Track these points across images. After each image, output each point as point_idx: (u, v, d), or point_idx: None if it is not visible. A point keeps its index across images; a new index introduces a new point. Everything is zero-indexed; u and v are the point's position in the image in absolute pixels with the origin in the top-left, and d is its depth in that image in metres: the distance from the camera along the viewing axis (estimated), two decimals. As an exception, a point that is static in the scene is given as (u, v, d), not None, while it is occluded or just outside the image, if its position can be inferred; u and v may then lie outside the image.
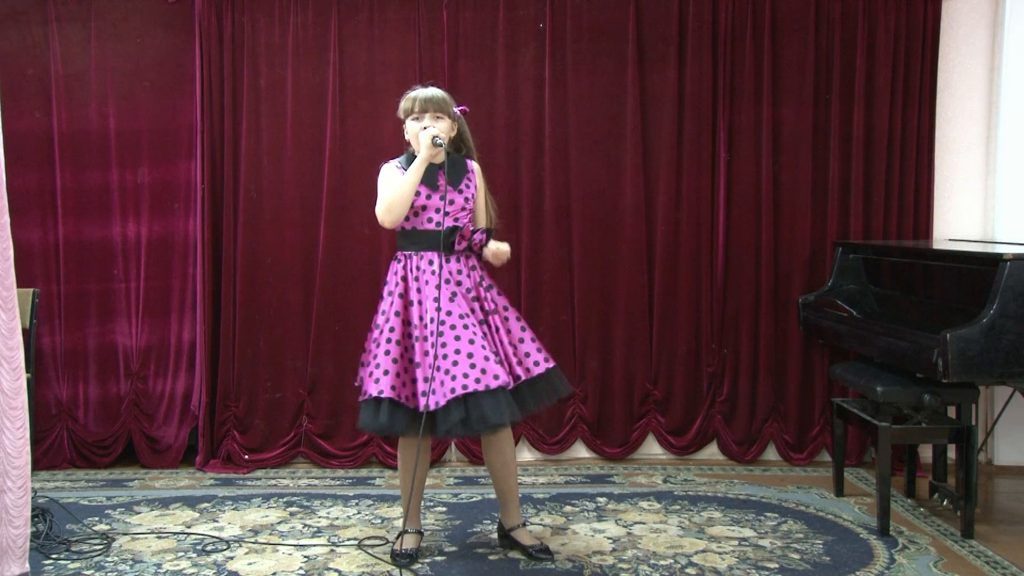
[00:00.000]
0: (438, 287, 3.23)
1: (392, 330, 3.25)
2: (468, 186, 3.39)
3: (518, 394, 3.26)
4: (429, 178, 3.29)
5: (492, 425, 3.16)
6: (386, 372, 3.21)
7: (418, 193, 3.28)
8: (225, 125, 4.55)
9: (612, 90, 4.62)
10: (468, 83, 4.58)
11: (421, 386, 3.18)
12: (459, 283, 3.29)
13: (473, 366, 3.14)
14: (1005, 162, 4.61)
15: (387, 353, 3.23)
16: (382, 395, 3.17)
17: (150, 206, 4.59)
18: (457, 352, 3.17)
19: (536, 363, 3.34)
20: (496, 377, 3.14)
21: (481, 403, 3.12)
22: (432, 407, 3.15)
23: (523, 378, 3.29)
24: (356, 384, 3.45)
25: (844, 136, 4.63)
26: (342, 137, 4.57)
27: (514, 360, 3.29)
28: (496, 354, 3.23)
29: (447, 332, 3.19)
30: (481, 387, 3.12)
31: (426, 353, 3.20)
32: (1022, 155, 4.60)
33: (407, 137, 3.38)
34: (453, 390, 3.12)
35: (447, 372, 3.15)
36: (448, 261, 3.29)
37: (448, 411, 3.14)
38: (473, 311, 3.27)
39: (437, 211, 3.30)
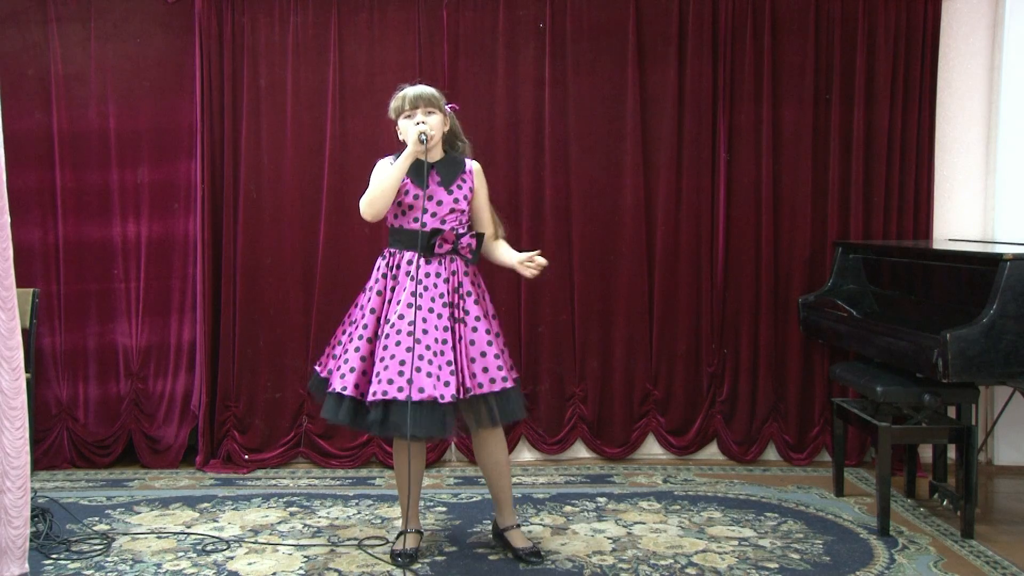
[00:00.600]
0: (414, 293, 3.22)
1: (366, 327, 3.26)
2: (461, 187, 3.35)
3: (467, 407, 3.22)
4: (419, 177, 3.27)
5: (405, 434, 3.15)
6: (352, 369, 3.23)
7: (406, 192, 3.27)
8: (225, 125, 4.55)
9: (612, 90, 4.62)
10: (468, 83, 4.58)
11: (372, 386, 3.20)
12: (434, 285, 3.25)
13: (401, 374, 3.14)
14: (1005, 162, 4.61)
15: (357, 350, 3.25)
16: (345, 392, 3.21)
17: (150, 206, 4.59)
18: (392, 357, 3.17)
19: (492, 380, 3.26)
20: (421, 391, 3.13)
21: (401, 411, 3.12)
22: (367, 402, 3.18)
23: (473, 392, 3.21)
24: (316, 366, 3.46)
25: (844, 136, 4.63)
26: (342, 137, 4.57)
27: (468, 373, 3.22)
28: (442, 367, 3.17)
29: (391, 335, 3.19)
30: (402, 396, 3.12)
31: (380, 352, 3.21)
32: (1022, 155, 4.60)
33: (401, 137, 3.35)
34: (375, 393, 3.15)
35: (377, 375, 3.17)
36: (428, 262, 3.27)
37: (369, 410, 3.17)
38: (440, 316, 3.22)
39: (424, 211, 3.28)
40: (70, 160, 4.56)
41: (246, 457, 4.60)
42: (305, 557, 3.46)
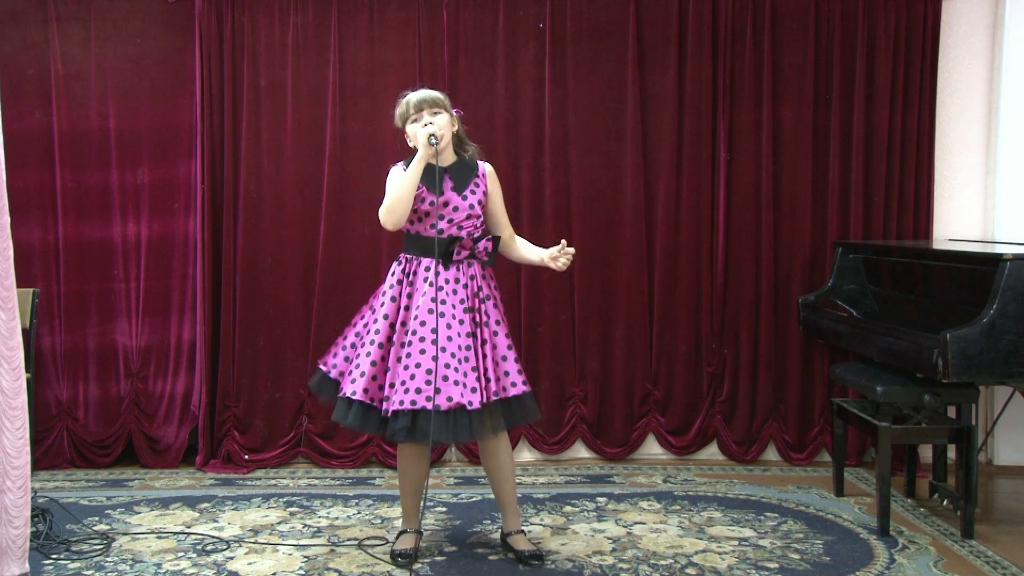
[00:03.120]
0: (434, 299, 3.21)
1: (378, 332, 3.26)
2: (475, 191, 3.34)
3: (487, 411, 3.22)
4: (433, 183, 3.25)
5: (435, 441, 3.17)
6: (363, 374, 3.23)
7: (422, 199, 3.26)
8: (225, 125, 4.55)
9: (612, 90, 4.63)
10: (468, 83, 4.59)
11: (387, 391, 3.19)
12: (453, 291, 3.25)
13: (429, 383, 3.13)
14: (1005, 162, 4.61)
15: (368, 355, 3.24)
16: (355, 396, 3.21)
17: (150, 206, 4.59)
18: (418, 366, 3.16)
19: (513, 384, 3.30)
20: (449, 399, 3.13)
21: (428, 418, 3.11)
22: (385, 413, 3.18)
23: (498, 396, 3.24)
24: (321, 365, 3.45)
25: (844, 136, 4.63)
26: (342, 137, 4.57)
27: (492, 376, 3.25)
28: (467, 373, 3.17)
29: (415, 342, 3.18)
30: (429, 405, 3.11)
31: (398, 359, 3.20)
32: (1022, 155, 4.60)
33: (411, 143, 3.34)
34: (401, 402, 3.14)
35: (403, 383, 3.16)
36: (446, 269, 3.27)
37: (396, 418, 3.16)
38: (463, 322, 3.23)
39: (441, 217, 3.27)
40: (70, 160, 4.56)
41: (246, 457, 4.60)
42: (305, 557, 3.46)
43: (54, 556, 3.43)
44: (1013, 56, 4.57)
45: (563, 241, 3.33)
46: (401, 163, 3.37)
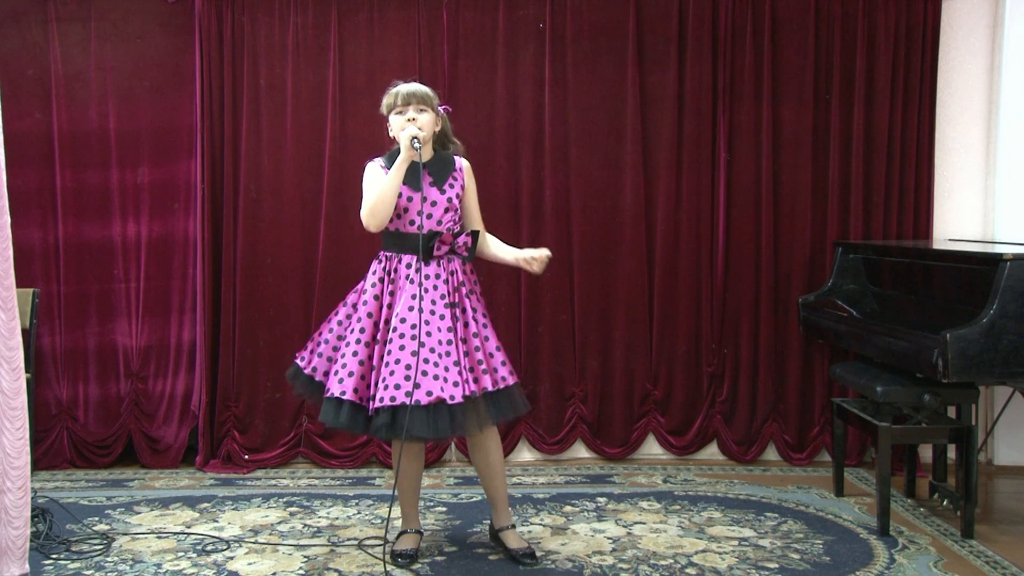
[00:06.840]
0: (415, 296, 3.20)
1: (363, 331, 3.25)
2: (453, 185, 3.34)
3: (472, 406, 3.20)
4: (413, 178, 3.24)
5: (414, 437, 3.17)
6: (351, 374, 3.22)
7: (400, 194, 3.25)
8: (225, 125, 4.55)
9: (612, 90, 4.62)
10: (468, 83, 4.59)
11: (373, 390, 3.19)
12: (435, 287, 3.24)
13: (408, 379, 3.12)
14: (1005, 162, 4.61)
15: (355, 354, 3.24)
16: (344, 396, 3.20)
17: (150, 206, 4.59)
18: (397, 362, 3.15)
19: (503, 378, 3.30)
20: (429, 394, 3.12)
21: (409, 415, 3.10)
22: (369, 410, 3.18)
23: (490, 389, 3.24)
24: (299, 360, 3.41)
25: (844, 136, 4.63)
26: (342, 137, 4.57)
27: (480, 368, 3.24)
28: (448, 368, 3.16)
29: (395, 339, 3.18)
30: (410, 401, 3.10)
31: (381, 357, 3.20)
32: (1022, 155, 4.60)
33: (391, 133, 3.35)
34: (381, 399, 3.13)
35: (383, 380, 3.15)
36: (427, 264, 3.26)
37: (377, 415, 3.16)
38: (443, 317, 3.23)
39: (420, 213, 3.27)
40: (70, 160, 4.56)
41: (246, 457, 4.60)
42: (305, 557, 3.46)
43: (54, 556, 3.43)
44: (1013, 56, 4.57)
45: (544, 250, 3.34)
46: (379, 159, 3.37)
